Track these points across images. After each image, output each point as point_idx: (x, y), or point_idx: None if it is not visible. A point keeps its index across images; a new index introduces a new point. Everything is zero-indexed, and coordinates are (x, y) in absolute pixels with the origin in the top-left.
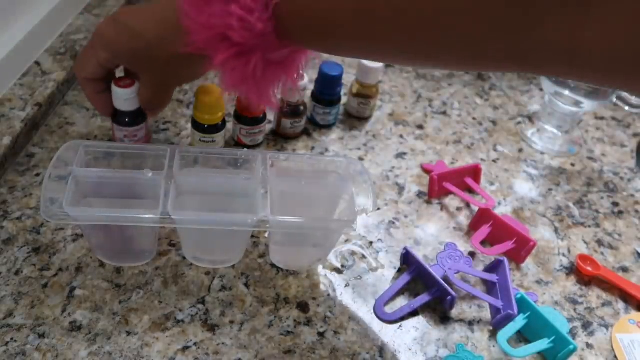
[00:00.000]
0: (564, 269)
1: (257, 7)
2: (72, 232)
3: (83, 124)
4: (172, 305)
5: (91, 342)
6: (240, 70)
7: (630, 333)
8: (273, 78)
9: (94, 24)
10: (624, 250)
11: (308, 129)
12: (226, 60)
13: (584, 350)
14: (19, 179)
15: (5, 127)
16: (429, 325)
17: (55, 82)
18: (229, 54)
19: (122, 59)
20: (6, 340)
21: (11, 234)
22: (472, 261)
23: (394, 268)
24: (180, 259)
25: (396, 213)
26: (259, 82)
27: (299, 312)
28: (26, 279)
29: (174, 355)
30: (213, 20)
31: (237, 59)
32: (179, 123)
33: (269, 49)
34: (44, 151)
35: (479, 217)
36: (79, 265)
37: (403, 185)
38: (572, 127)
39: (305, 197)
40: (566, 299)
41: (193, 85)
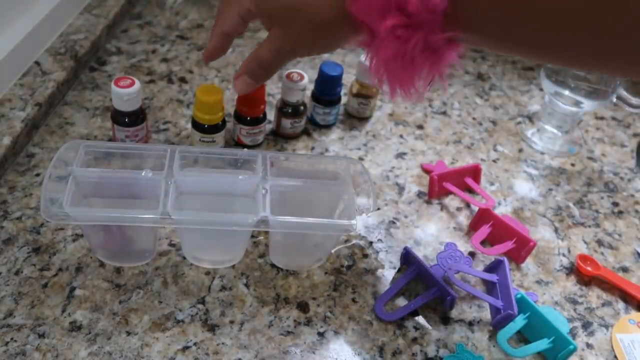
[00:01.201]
0: (564, 269)
1: None
2: (72, 232)
3: (83, 124)
4: (172, 305)
5: (91, 342)
6: (399, 46)
7: (630, 333)
8: (422, 66)
9: (94, 24)
10: (624, 250)
11: (308, 129)
12: (392, 29)
13: (584, 350)
14: (19, 179)
15: (5, 127)
16: (429, 325)
17: (55, 82)
18: (396, 22)
19: (265, 13)
20: (6, 340)
21: (11, 234)
22: (472, 261)
23: (394, 268)
24: (180, 259)
25: (396, 213)
26: (409, 65)
27: (299, 312)
28: (26, 279)
29: (174, 355)
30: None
31: (401, 30)
32: (179, 123)
33: (432, 30)
34: (44, 151)
35: (479, 217)
36: (79, 265)
37: (403, 185)
38: (572, 127)
39: (305, 197)
40: (566, 299)
41: (193, 85)
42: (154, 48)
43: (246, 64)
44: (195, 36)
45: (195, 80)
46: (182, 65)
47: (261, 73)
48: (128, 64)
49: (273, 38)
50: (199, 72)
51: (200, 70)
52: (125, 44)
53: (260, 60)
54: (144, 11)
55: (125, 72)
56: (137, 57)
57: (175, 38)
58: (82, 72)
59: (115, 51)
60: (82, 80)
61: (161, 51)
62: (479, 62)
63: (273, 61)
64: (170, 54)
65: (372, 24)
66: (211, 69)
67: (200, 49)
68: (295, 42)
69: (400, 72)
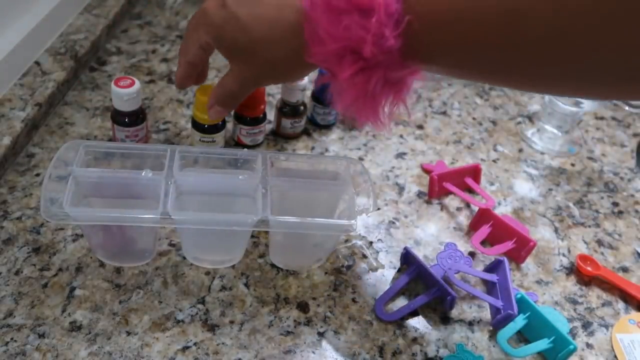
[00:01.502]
0: (564, 269)
1: (389, 23)
2: (72, 232)
3: (83, 124)
4: (172, 305)
5: (91, 342)
6: (360, 87)
7: (630, 333)
8: (384, 98)
9: (94, 24)
10: (624, 250)
11: (308, 129)
12: (350, 77)
13: (584, 350)
14: (19, 179)
15: (5, 127)
16: (429, 325)
17: (55, 82)
18: (354, 70)
19: (221, 46)
20: (6, 340)
21: (11, 234)
22: (472, 261)
23: (394, 268)
24: (180, 259)
25: (396, 213)
26: (371, 101)
27: (299, 312)
28: (26, 279)
29: (174, 355)
30: (347, 32)
31: (359, 76)
32: (179, 123)
33: (390, 67)
34: (44, 151)
35: (479, 217)
36: (79, 265)
37: (403, 185)
38: (572, 127)
39: (305, 197)
40: (566, 299)
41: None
42: (154, 48)
43: (215, 94)
44: None
45: None
46: None
47: (230, 102)
48: (128, 64)
49: (236, 70)
50: None
51: None
52: (125, 44)
53: (226, 90)
54: (144, 11)
55: (125, 72)
56: (137, 57)
57: (175, 38)
58: (82, 72)
59: (115, 51)
60: (82, 80)
61: (161, 51)
62: None
63: (239, 91)
64: (170, 54)
65: (331, 68)
66: (211, 69)
67: None
68: (258, 75)
69: (364, 108)
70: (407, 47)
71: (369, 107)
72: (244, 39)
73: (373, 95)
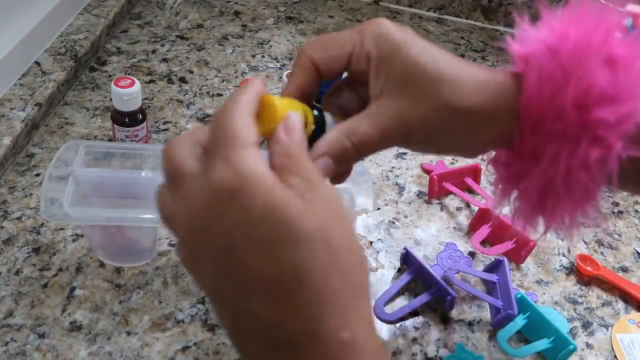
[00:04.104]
0: (564, 269)
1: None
2: (72, 232)
3: (83, 124)
4: (172, 305)
5: (91, 342)
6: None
7: (630, 333)
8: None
9: (94, 24)
10: (624, 250)
11: None
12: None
13: (584, 350)
14: (19, 179)
15: (5, 127)
16: (429, 325)
17: (55, 82)
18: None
19: (383, 69)
20: (6, 340)
21: (11, 234)
22: (472, 261)
23: (394, 268)
24: None
25: (396, 213)
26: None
27: None
28: (26, 279)
29: (174, 355)
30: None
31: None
32: (179, 123)
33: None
34: (44, 151)
35: (479, 217)
36: (79, 265)
37: (403, 185)
38: None
39: None
40: (566, 299)
41: (193, 85)
42: (154, 48)
43: (330, 143)
44: (195, 36)
45: (195, 80)
46: (182, 65)
47: (353, 156)
48: (128, 64)
49: (389, 109)
50: (199, 72)
51: (200, 70)
52: (125, 44)
53: (359, 137)
54: (144, 11)
55: (125, 72)
56: (137, 57)
57: (175, 38)
58: (82, 72)
59: (115, 51)
60: (82, 80)
61: (161, 51)
62: (479, 62)
63: (378, 141)
64: (170, 54)
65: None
66: (211, 69)
67: (200, 49)
68: (416, 126)
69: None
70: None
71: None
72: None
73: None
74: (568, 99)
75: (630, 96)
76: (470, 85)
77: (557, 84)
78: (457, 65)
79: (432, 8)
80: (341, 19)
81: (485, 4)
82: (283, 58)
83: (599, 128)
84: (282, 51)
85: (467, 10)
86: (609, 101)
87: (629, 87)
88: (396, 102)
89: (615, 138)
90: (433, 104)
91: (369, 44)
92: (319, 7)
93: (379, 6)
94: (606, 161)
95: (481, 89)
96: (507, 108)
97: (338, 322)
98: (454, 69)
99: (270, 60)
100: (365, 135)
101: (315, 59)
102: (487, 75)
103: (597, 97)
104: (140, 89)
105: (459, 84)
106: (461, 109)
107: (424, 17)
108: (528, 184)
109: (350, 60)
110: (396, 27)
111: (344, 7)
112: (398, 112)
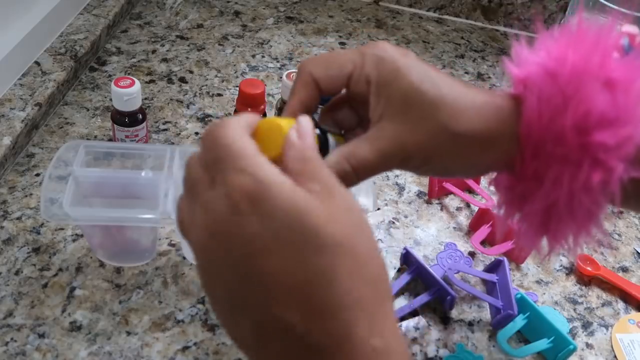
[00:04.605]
0: (564, 269)
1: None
2: (72, 232)
3: (83, 124)
4: (172, 305)
5: (91, 342)
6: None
7: (630, 333)
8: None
9: (93, 24)
10: (624, 250)
11: None
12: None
13: (583, 350)
14: (19, 179)
15: (5, 127)
16: (429, 325)
17: (55, 82)
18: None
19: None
20: (6, 340)
21: (11, 234)
22: (472, 261)
23: (394, 268)
24: (180, 259)
25: (396, 213)
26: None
27: None
28: (26, 279)
29: (174, 355)
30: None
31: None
32: (179, 123)
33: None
34: (44, 151)
35: (478, 217)
36: (79, 265)
37: (403, 185)
38: None
39: None
40: (566, 299)
41: (193, 85)
42: (154, 48)
43: (330, 163)
44: (195, 36)
45: (195, 80)
46: (182, 65)
47: (353, 178)
48: (128, 64)
49: (387, 132)
50: (199, 72)
51: (200, 70)
52: (125, 44)
53: (357, 159)
54: (144, 11)
55: (125, 72)
56: (137, 57)
57: (175, 38)
58: (82, 72)
59: (115, 51)
60: (82, 80)
61: (161, 51)
62: (478, 62)
63: (377, 164)
64: (170, 54)
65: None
66: (211, 69)
67: (200, 49)
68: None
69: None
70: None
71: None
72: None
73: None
74: (568, 122)
75: (629, 118)
76: (470, 110)
77: (557, 108)
78: (457, 90)
79: (432, 8)
80: (341, 19)
81: (485, 4)
82: (283, 58)
83: (599, 151)
84: (282, 51)
85: (467, 10)
86: (609, 124)
87: (628, 109)
88: (396, 127)
89: (616, 160)
90: (432, 129)
91: (369, 67)
92: (319, 7)
93: (379, 6)
94: (608, 184)
95: (481, 113)
96: (506, 132)
97: (368, 329)
98: (453, 93)
99: (270, 60)
100: (364, 159)
101: (315, 76)
102: (486, 99)
103: (597, 121)
104: (140, 89)
105: (458, 108)
106: (461, 133)
107: (424, 17)
108: (531, 207)
109: (349, 81)
110: (397, 50)
111: (344, 7)
112: (398, 136)
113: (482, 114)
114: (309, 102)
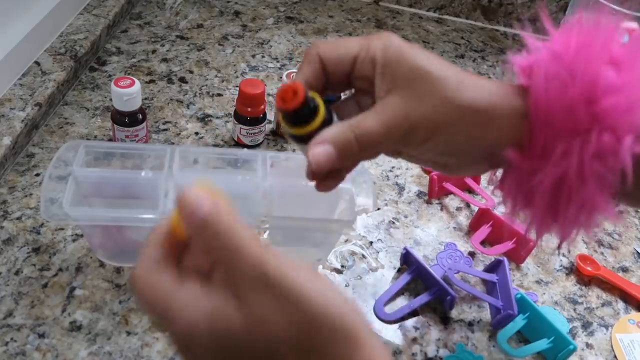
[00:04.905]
0: (564, 269)
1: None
2: (72, 232)
3: (83, 124)
4: None
5: (91, 342)
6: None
7: (630, 333)
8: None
9: (93, 24)
10: (624, 250)
11: None
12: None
13: (583, 350)
14: (19, 179)
15: (5, 127)
16: (429, 325)
17: (55, 82)
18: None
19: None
20: (6, 340)
21: (11, 234)
22: (472, 261)
23: (394, 268)
24: None
25: (396, 213)
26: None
27: None
28: (26, 279)
29: (174, 355)
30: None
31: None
32: (179, 123)
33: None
34: (44, 151)
35: (478, 217)
36: (79, 265)
37: (403, 185)
38: None
39: (305, 197)
40: (566, 299)
41: (193, 85)
42: (154, 48)
43: (333, 134)
44: (195, 36)
45: (195, 80)
46: (182, 65)
47: (357, 150)
48: (128, 64)
49: (394, 105)
50: (199, 72)
51: (200, 70)
52: (125, 44)
53: (362, 131)
54: (144, 11)
55: (125, 72)
56: (137, 57)
57: (175, 38)
58: (82, 72)
59: (115, 51)
60: (82, 80)
61: (161, 51)
62: (478, 62)
63: (384, 136)
64: (170, 54)
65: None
66: (211, 69)
67: (200, 49)
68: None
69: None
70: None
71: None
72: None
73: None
74: (576, 93)
75: (636, 89)
76: (475, 86)
77: (564, 82)
78: (462, 73)
79: (432, 8)
80: (341, 19)
81: (485, 4)
82: (283, 58)
83: (607, 117)
84: (282, 51)
85: (467, 10)
86: (617, 91)
87: (634, 81)
88: (402, 98)
89: (626, 127)
90: (439, 100)
91: (375, 49)
92: (319, 7)
93: (379, 6)
94: (618, 152)
95: (486, 88)
96: (512, 108)
97: None
98: (458, 75)
99: (270, 60)
100: (368, 129)
101: (322, 55)
102: (492, 82)
103: (604, 89)
104: (140, 89)
105: (463, 84)
106: (466, 106)
107: (424, 17)
108: (540, 182)
109: (355, 62)
110: (404, 41)
111: (344, 7)
112: (403, 107)
113: (487, 89)
114: (314, 81)
